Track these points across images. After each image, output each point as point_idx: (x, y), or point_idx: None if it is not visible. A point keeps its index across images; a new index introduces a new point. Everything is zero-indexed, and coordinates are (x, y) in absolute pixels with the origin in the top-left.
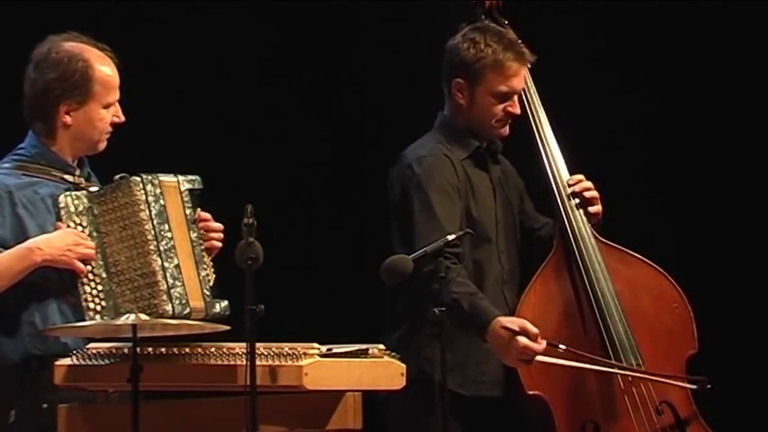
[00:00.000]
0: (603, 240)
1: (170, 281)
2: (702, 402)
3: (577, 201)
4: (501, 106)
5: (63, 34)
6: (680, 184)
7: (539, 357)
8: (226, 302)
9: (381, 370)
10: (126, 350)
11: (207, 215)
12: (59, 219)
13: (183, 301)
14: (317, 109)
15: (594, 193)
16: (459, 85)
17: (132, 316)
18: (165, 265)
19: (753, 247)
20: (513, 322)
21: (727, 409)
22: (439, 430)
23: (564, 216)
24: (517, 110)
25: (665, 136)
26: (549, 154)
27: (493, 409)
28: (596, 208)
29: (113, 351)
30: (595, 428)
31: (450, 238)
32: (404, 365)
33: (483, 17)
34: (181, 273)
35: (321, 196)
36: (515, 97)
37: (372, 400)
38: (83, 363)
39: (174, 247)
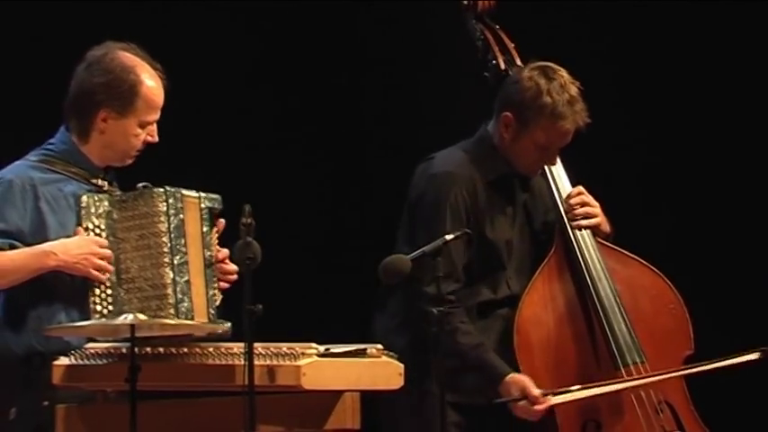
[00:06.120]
0: (601, 241)
1: (179, 295)
2: (700, 404)
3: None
4: (539, 154)
5: (121, 43)
6: (677, 186)
7: (552, 401)
8: (229, 324)
9: (379, 370)
10: (124, 350)
11: (226, 252)
12: (79, 217)
13: (189, 317)
14: (317, 108)
15: (588, 210)
16: (508, 119)
17: (131, 316)
18: (177, 279)
19: (750, 250)
20: (516, 387)
21: (724, 409)
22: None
23: (563, 215)
24: (554, 161)
25: (663, 137)
26: None
27: (492, 412)
28: (593, 221)
29: (111, 351)
30: (597, 427)
31: (449, 237)
32: (402, 365)
33: (474, 21)
34: (190, 289)
35: (320, 195)
36: (555, 148)
37: (370, 399)
38: (81, 362)
39: (187, 262)
